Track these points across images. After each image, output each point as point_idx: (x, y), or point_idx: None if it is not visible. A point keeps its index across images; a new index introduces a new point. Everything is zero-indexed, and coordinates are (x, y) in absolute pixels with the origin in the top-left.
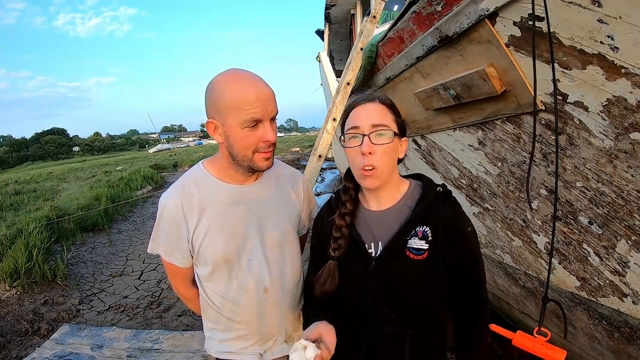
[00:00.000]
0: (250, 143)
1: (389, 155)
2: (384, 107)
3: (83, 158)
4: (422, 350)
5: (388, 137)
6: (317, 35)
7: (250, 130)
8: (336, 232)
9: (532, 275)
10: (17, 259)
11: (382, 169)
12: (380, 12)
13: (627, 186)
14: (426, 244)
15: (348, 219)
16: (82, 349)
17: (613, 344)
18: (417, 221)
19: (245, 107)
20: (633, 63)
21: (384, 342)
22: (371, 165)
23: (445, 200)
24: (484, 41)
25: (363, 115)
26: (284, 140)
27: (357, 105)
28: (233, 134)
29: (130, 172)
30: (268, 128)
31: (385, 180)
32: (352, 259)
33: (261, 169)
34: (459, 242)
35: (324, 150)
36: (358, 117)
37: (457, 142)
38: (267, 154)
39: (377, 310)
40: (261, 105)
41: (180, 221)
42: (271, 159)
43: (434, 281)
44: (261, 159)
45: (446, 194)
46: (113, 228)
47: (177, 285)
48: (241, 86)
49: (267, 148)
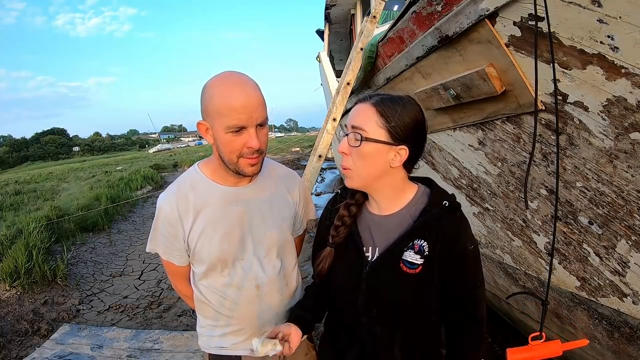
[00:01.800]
0: (234, 148)
1: (365, 160)
2: (373, 110)
3: (83, 158)
4: (413, 350)
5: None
6: (317, 35)
7: (233, 136)
8: (337, 221)
9: (532, 275)
10: (17, 259)
11: (358, 172)
12: (380, 12)
13: (627, 186)
14: (421, 259)
15: (353, 209)
16: (82, 349)
17: (613, 344)
18: (416, 234)
19: (230, 113)
20: (633, 63)
21: (376, 340)
22: (345, 165)
23: (449, 215)
24: (484, 41)
25: (351, 115)
26: (284, 140)
27: (356, 103)
28: (219, 138)
29: (130, 172)
30: (252, 134)
31: (365, 184)
32: (350, 259)
33: (247, 174)
34: (458, 260)
35: (324, 150)
36: (349, 116)
37: (457, 142)
38: (252, 160)
39: (368, 311)
40: (246, 113)
41: (176, 223)
42: (257, 165)
43: (425, 295)
44: (246, 164)
45: (452, 209)
46: (113, 228)
47: (176, 283)
48: (229, 92)
49: (251, 154)
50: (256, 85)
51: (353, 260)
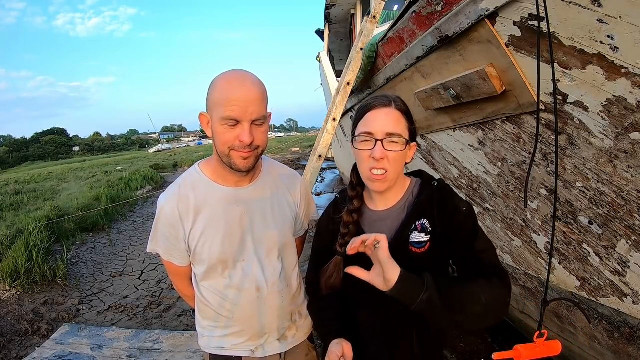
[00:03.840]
0: (227, 140)
1: (398, 161)
2: (399, 114)
3: (83, 158)
4: (429, 342)
5: (400, 145)
6: (317, 35)
7: (228, 128)
8: (344, 229)
9: (532, 275)
10: (17, 259)
11: (392, 174)
12: (380, 12)
13: (627, 186)
14: (427, 236)
15: (355, 215)
16: (82, 349)
17: (613, 344)
18: (416, 215)
19: (225, 104)
20: (633, 63)
21: (393, 335)
22: (383, 169)
23: (440, 190)
24: (484, 41)
25: (378, 121)
26: (284, 140)
27: (373, 108)
28: (215, 129)
29: (130, 172)
30: (245, 129)
31: (393, 184)
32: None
33: (240, 169)
34: (454, 219)
35: (324, 150)
36: (373, 123)
37: (457, 142)
38: (244, 154)
39: (385, 306)
40: (241, 106)
41: (176, 224)
42: (250, 159)
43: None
44: (238, 157)
45: (441, 186)
46: (113, 228)
47: (177, 283)
48: (229, 85)
49: (243, 148)
50: (259, 82)
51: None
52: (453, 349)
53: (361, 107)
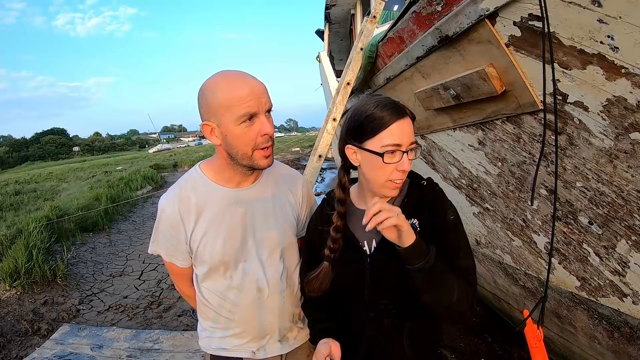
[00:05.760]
0: (249, 139)
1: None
2: (411, 122)
3: (83, 158)
4: (420, 341)
5: (417, 152)
6: (317, 35)
7: (247, 126)
8: (334, 233)
9: (532, 275)
10: (17, 259)
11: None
12: (380, 12)
13: (627, 186)
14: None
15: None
16: (82, 349)
17: (613, 344)
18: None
19: (238, 103)
20: (633, 63)
21: (384, 333)
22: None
23: (429, 190)
24: (484, 41)
25: (405, 132)
26: (284, 140)
27: (396, 119)
28: (230, 133)
29: (130, 172)
30: (265, 121)
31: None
32: (348, 257)
33: (261, 167)
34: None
35: (324, 150)
36: (401, 134)
37: (457, 142)
38: (267, 152)
39: (376, 304)
40: (255, 98)
41: (178, 225)
42: (271, 157)
43: None
44: (261, 157)
45: (430, 186)
46: (113, 228)
47: (179, 284)
48: (232, 84)
49: (266, 142)
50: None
51: (353, 258)
52: (453, 349)
53: (378, 118)
